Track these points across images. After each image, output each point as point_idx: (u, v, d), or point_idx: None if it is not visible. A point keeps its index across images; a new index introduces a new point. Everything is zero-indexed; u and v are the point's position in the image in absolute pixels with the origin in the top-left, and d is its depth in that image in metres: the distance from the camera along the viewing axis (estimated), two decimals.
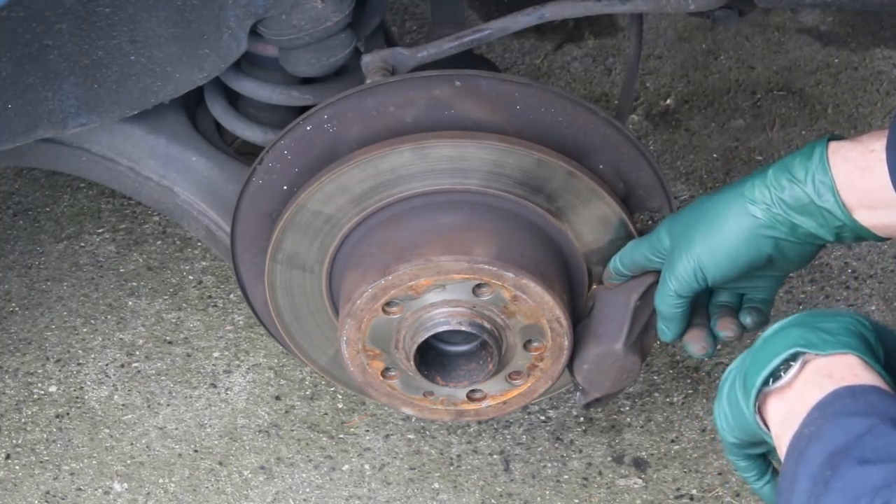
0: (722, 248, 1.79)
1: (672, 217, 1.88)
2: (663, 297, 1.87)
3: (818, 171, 1.70)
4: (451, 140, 1.91)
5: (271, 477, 2.41)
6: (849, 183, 1.69)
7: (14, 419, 2.49)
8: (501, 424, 2.47)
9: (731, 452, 1.69)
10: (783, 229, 1.76)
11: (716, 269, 1.81)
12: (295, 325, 2.14)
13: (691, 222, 1.82)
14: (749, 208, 1.76)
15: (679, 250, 1.83)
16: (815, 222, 1.73)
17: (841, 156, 1.69)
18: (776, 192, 1.74)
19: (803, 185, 1.71)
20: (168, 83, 2.01)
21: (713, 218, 1.79)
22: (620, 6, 1.99)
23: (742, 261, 1.80)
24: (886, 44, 3.16)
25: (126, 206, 2.84)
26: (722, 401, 1.65)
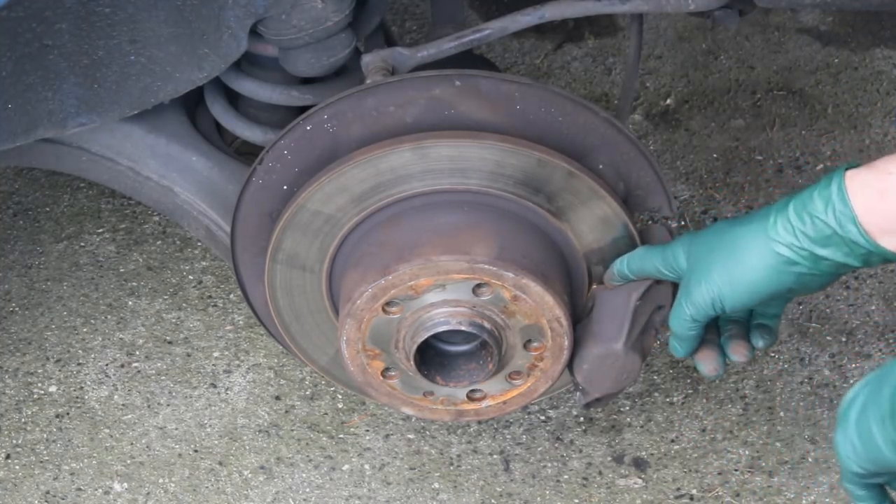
0: (743, 281, 1.78)
1: (692, 237, 1.87)
2: (678, 319, 1.87)
3: (838, 201, 1.68)
4: (451, 140, 1.91)
5: (271, 477, 2.41)
6: (869, 210, 1.67)
7: (14, 419, 2.49)
8: (501, 424, 2.47)
9: (851, 481, 1.67)
10: (807, 264, 1.74)
11: (735, 300, 1.81)
12: (295, 325, 2.13)
13: (713, 250, 1.81)
14: (773, 245, 1.75)
15: (698, 276, 1.82)
16: (840, 252, 1.71)
17: (858, 182, 1.68)
18: (799, 227, 1.72)
19: (825, 218, 1.70)
20: (168, 83, 2.01)
21: (736, 250, 1.78)
22: (620, 6, 1.99)
23: (763, 294, 1.79)
24: (886, 44, 3.17)
25: (126, 206, 2.84)
26: (849, 429, 1.62)
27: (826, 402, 2.49)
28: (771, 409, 2.49)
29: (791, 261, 1.74)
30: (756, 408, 2.49)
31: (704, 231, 1.86)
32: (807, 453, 2.42)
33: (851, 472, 1.65)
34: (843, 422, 1.63)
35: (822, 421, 2.46)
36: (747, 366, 2.55)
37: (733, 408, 2.49)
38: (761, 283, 1.77)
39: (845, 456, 1.63)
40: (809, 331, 2.61)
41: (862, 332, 2.60)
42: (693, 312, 1.84)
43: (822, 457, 2.41)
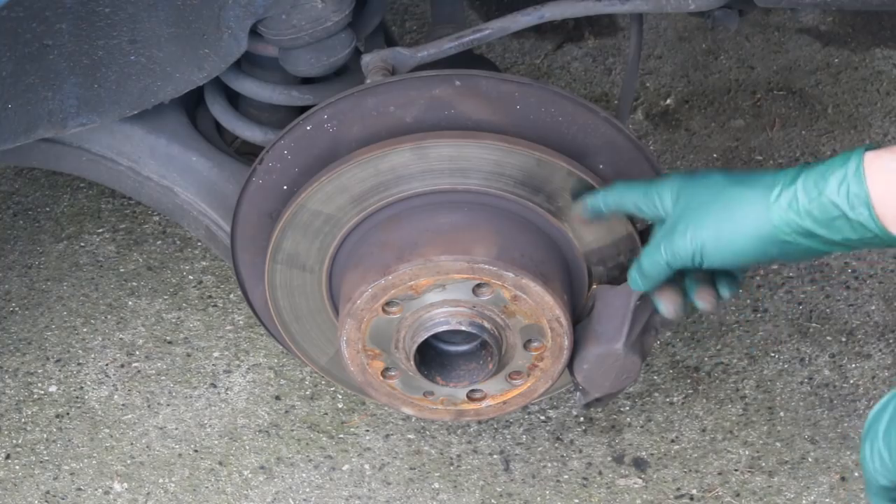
0: (731, 244, 1.73)
1: (683, 181, 1.80)
2: (652, 260, 1.82)
3: (853, 182, 1.61)
4: (451, 140, 1.91)
5: (271, 477, 2.41)
6: (886, 194, 1.61)
7: (14, 419, 2.49)
8: (501, 424, 2.47)
9: (877, 495, 1.64)
10: (800, 239, 1.68)
11: (717, 259, 1.75)
12: (295, 325, 2.13)
13: (706, 204, 1.75)
14: (771, 215, 1.68)
15: (684, 225, 1.77)
16: (840, 235, 1.65)
17: (877, 165, 1.61)
18: (804, 203, 1.65)
19: (835, 199, 1.63)
20: (168, 83, 2.01)
21: (731, 213, 1.72)
22: (620, 6, 1.99)
23: (746, 258, 1.74)
24: (886, 44, 3.17)
25: (126, 206, 2.84)
26: (876, 441, 1.59)
27: (826, 402, 2.49)
28: (771, 409, 2.49)
29: (784, 233, 1.68)
30: (756, 408, 2.49)
31: (697, 178, 1.78)
32: (807, 453, 2.42)
33: (878, 486, 1.62)
34: (870, 434, 1.60)
35: (822, 421, 2.46)
36: (748, 366, 2.55)
37: (733, 408, 2.49)
38: (749, 250, 1.72)
39: (871, 469, 1.60)
40: (809, 331, 2.61)
41: (862, 332, 2.60)
42: (670, 259, 1.79)
43: (822, 457, 2.41)
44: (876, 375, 2.52)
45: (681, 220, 1.78)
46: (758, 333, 2.60)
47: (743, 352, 2.58)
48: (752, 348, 2.58)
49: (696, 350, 2.58)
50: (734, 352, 2.58)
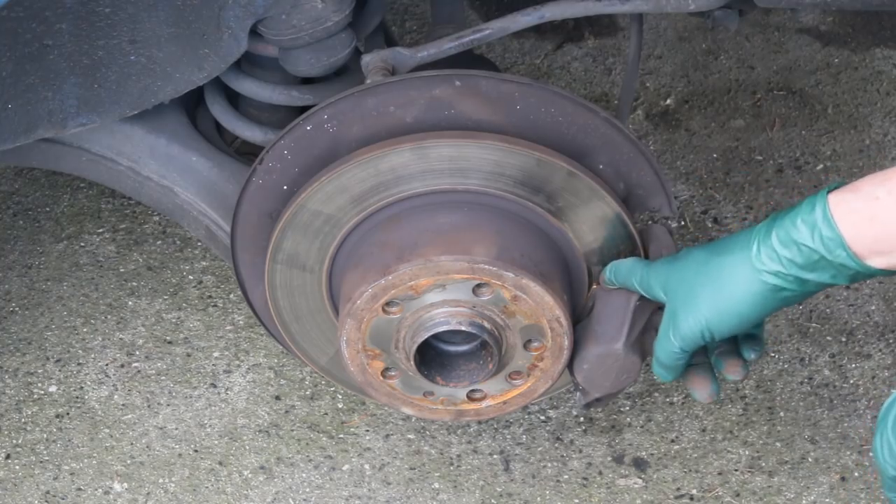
0: (732, 311, 1.77)
1: (668, 268, 1.86)
2: (665, 350, 1.86)
3: (824, 227, 1.66)
4: (451, 140, 1.91)
5: (271, 477, 2.41)
6: (857, 234, 1.65)
7: (14, 419, 2.49)
8: (501, 424, 2.47)
9: (892, 489, 1.65)
10: (794, 287, 1.72)
11: (725, 329, 1.80)
12: (295, 325, 2.13)
13: (696, 282, 1.80)
14: (760, 275, 1.73)
15: (685, 308, 1.81)
16: (828, 275, 1.69)
17: (844, 208, 1.65)
18: (785, 255, 1.70)
19: (812, 244, 1.67)
20: (168, 83, 2.01)
21: (721, 282, 1.76)
22: (620, 6, 1.99)
23: (752, 320, 1.78)
24: (886, 44, 3.17)
25: (126, 206, 2.84)
26: (885, 432, 1.60)
27: (826, 402, 2.49)
28: (771, 409, 2.49)
29: (779, 287, 1.73)
30: (756, 408, 2.49)
31: (680, 262, 1.83)
32: (807, 453, 2.42)
33: (891, 478, 1.63)
34: (881, 426, 1.61)
35: (822, 421, 2.46)
36: None
37: (733, 408, 2.49)
38: (750, 311, 1.76)
39: (882, 460, 1.61)
40: (809, 331, 2.61)
41: (862, 332, 2.60)
42: (681, 344, 1.83)
43: (822, 457, 2.41)
44: (876, 375, 2.52)
45: (679, 304, 1.82)
46: None
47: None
48: None
49: None
50: None
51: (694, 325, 1.80)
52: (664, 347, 1.86)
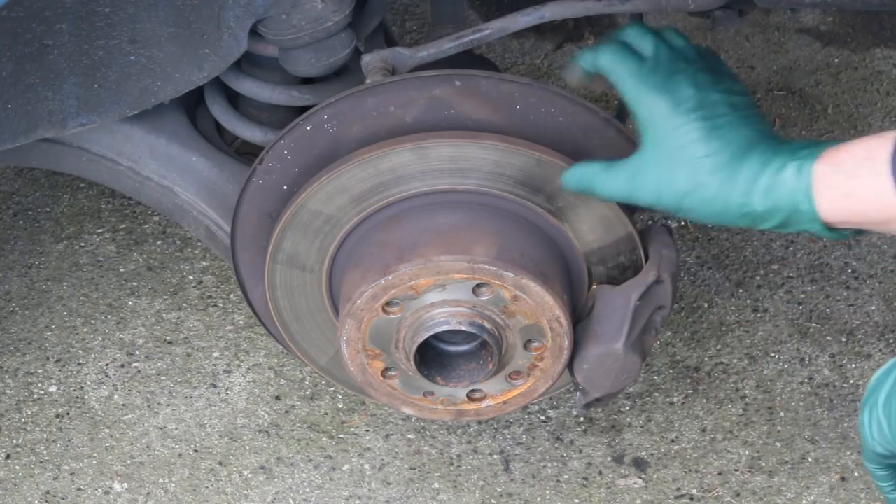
0: (694, 213, 1.74)
1: (664, 121, 1.75)
2: (611, 186, 1.80)
3: (803, 202, 1.66)
4: (451, 140, 1.91)
5: (271, 477, 2.41)
6: (832, 208, 1.66)
7: (14, 419, 2.49)
8: (501, 424, 2.47)
9: (873, 461, 1.66)
10: (751, 224, 1.73)
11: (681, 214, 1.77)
12: (295, 325, 2.13)
13: (674, 168, 1.74)
14: (729, 206, 1.71)
15: (654, 178, 1.76)
16: (789, 226, 1.71)
17: (825, 183, 1.65)
18: (759, 206, 1.69)
19: (785, 208, 1.68)
20: (168, 83, 2.01)
21: (696, 189, 1.73)
22: (620, 6, 1.99)
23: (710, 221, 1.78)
24: (886, 44, 3.17)
25: (126, 206, 2.84)
26: (876, 410, 1.60)
27: (826, 402, 2.49)
28: (771, 409, 2.49)
29: (740, 221, 1.72)
30: (756, 408, 2.49)
31: (677, 133, 1.74)
32: (807, 453, 2.42)
33: (874, 453, 1.64)
34: (870, 402, 1.61)
35: (822, 421, 2.46)
36: (748, 366, 2.55)
37: (733, 408, 2.49)
38: (710, 219, 1.75)
39: (870, 437, 1.62)
40: (809, 331, 2.61)
41: (862, 332, 2.60)
42: (629, 196, 1.79)
43: (822, 457, 2.41)
44: None
45: (655, 167, 1.76)
46: (758, 333, 2.60)
47: (743, 352, 2.58)
48: (752, 348, 2.58)
49: (696, 350, 2.58)
50: (734, 352, 2.58)
51: (652, 197, 1.76)
52: (614, 180, 1.80)
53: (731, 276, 2.70)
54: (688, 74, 1.77)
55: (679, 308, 2.64)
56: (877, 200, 1.61)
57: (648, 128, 1.76)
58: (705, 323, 2.63)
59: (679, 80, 1.76)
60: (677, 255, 2.01)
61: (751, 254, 2.74)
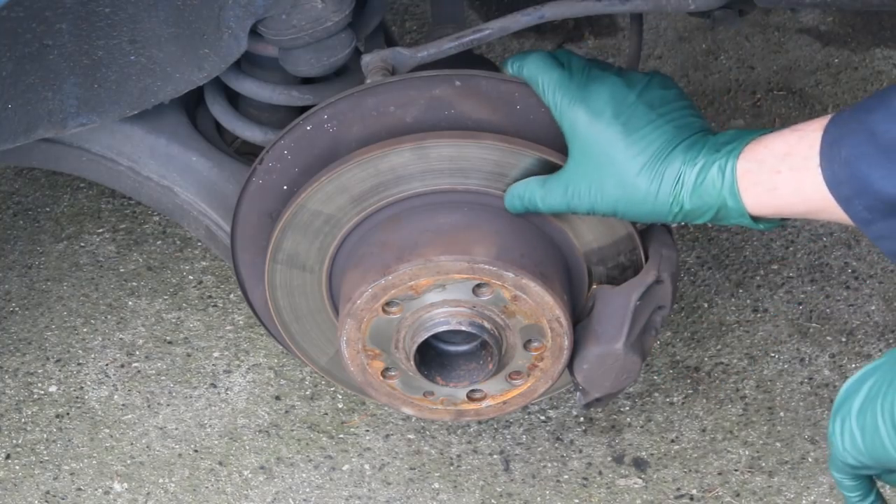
0: (625, 214, 1.79)
1: (582, 122, 1.79)
2: (550, 200, 1.85)
3: (729, 198, 1.71)
4: (451, 140, 1.91)
5: (271, 477, 2.41)
6: (758, 203, 1.71)
7: (14, 419, 2.49)
8: (501, 424, 2.47)
9: (841, 471, 1.66)
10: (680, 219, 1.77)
11: (619, 215, 1.81)
12: (295, 325, 2.13)
13: (600, 170, 1.78)
14: (657, 206, 1.76)
15: (586, 184, 1.79)
16: (722, 223, 1.76)
17: (749, 180, 1.70)
18: (687, 206, 1.74)
19: (713, 204, 1.73)
20: (168, 83, 2.01)
21: (624, 191, 1.77)
22: (620, 6, 1.99)
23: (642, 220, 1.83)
24: (886, 44, 3.17)
25: (126, 206, 2.84)
26: (849, 420, 1.61)
27: (826, 402, 2.49)
28: (771, 409, 2.49)
29: (672, 218, 1.77)
30: (756, 408, 2.49)
31: (593, 131, 1.78)
32: (807, 453, 2.42)
33: (843, 463, 1.64)
34: (842, 411, 1.61)
35: (822, 421, 2.46)
36: (748, 366, 2.55)
37: (733, 408, 2.49)
38: (642, 218, 1.80)
39: (841, 447, 1.62)
40: (809, 331, 2.61)
41: (862, 332, 2.60)
42: (570, 206, 1.82)
43: (822, 457, 2.41)
44: None
45: (584, 179, 1.80)
46: (758, 333, 2.61)
47: (743, 352, 2.58)
48: (752, 348, 2.58)
49: (696, 350, 2.58)
50: (734, 352, 2.58)
51: (588, 203, 1.80)
52: (552, 194, 1.83)
53: (731, 276, 2.70)
54: (602, 80, 1.81)
55: (679, 308, 2.64)
56: (798, 194, 1.66)
57: (573, 138, 1.81)
58: (705, 323, 2.63)
59: (594, 87, 1.80)
60: (677, 255, 2.01)
61: (751, 254, 2.74)
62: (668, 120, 1.77)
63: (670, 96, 1.80)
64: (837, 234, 2.76)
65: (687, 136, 1.75)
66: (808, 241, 2.75)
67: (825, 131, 1.62)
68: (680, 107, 1.79)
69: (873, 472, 1.64)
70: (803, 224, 2.78)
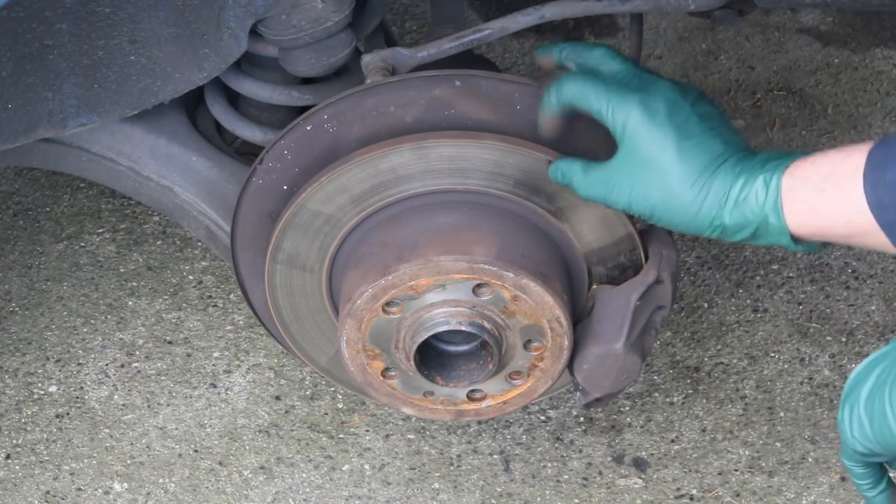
0: (665, 222, 1.76)
1: (638, 120, 1.76)
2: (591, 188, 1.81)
3: (772, 215, 1.68)
4: (451, 140, 1.91)
5: (271, 477, 2.41)
6: (800, 223, 1.68)
7: (14, 419, 2.49)
8: (501, 424, 2.47)
9: (851, 459, 1.66)
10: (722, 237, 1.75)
11: (655, 221, 1.79)
12: (295, 325, 2.14)
13: (645, 171, 1.75)
14: (699, 220, 1.73)
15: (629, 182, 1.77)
16: (757, 242, 1.73)
17: (793, 197, 1.67)
18: (728, 221, 1.71)
19: (755, 222, 1.70)
20: (168, 83, 2.01)
21: (666, 198, 1.74)
22: (620, 6, 1.99)
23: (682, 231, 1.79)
24: (886, 44, 3.17)
25: (126, 206, 2.84)
26: (857, 408, 1.60)
27: (826, 402, 2.49)
28: (771, 409, 2.49)
29: (711, 233, 1.74)
30: (756, 408, 2.49)
31: (649, 134, 1.75)
32: (807, 453, 2.42)
33: (853, 451, 1.64)
34: (850, 399, 1.61)
35: (822, 421, 2.46)
36: (748, 366, 2.55)
37: (733, 408, 2.49)
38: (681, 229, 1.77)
39: (850, 435, 1.62)
40: (809, 331, 2.61)
41: (862, 332, 2.60)
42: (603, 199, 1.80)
43: (822, 457, 2.41)
44: None
45: (628, 177, 1.77)
46: (758, 333, 2.61)
47: (743, 352, 2.58)
48: (752, 348, 2.58)
49: (696, 350, 2.58)
50: (734, 352, 2.58)
51: (625, 203, 1.77)
52: (594, 183, 1.81)
53: (731, 276, 2.70)
54: (658, 82, 1.79)
55: (679, 308, 2.64)
56: (841, 215, 1.63)
57: (623, 135, 1.77)
58: (705, 323, 2.63)
59: (651, 91, 1.77)
60: (677, 255, 2.01)
61: (751, 254, 2.74)
62: (717, 134, 1.74)
63: (717, 113, 1.78)
64: None
65: (734, 153, 1.73)
66: None
67: (870, 153, 1.60)
68: (726, 123, 1.77)
69: (883, 459, 1.64)
70: None
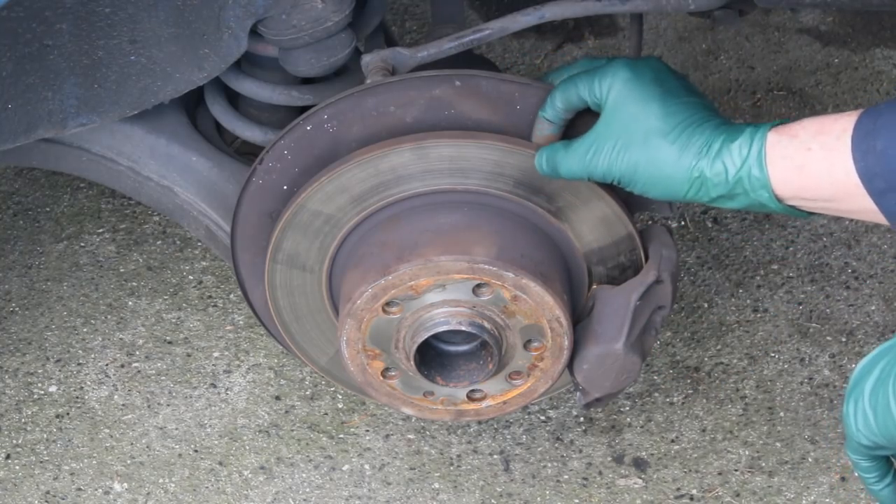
0: (649, 186, 1.77)
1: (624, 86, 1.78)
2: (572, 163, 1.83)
3: (754, 167, 1.68)
4: (451, 140, 1.91)
5: (271, 477, 2.41)
6: (784, 179, 1.68)
7: (14, 419, 2.49)
8: (501, 424, 2.47)
9: (857, 452, 1.66)
10: (706, 200, 1.75)
11: (637, 190, 1.79)
12: (295, 325, 2.14)
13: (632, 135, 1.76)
14: (683, 184, 1.74)
15: (611, 145, 1.78)
16: (741, 204, 1.72)
17: (778, 152, 1.67)
18: (712, 179, 1.71)
19: (738, 178, 1.70)
20: (168, 83, 2.01)
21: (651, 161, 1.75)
22: (620, 6, 1.99)
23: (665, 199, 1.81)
24: (886, 44, 3.17)
25: (126, 206, 2.84)
26: (861, 401, 1.61)
27: (826, 402, 2.49)
28: (771, 409, 2.49)
29: (696, 197, 1.75)
30: (756, 408, 2.49)
31: (634, 98, 1.77)
32: (807, 453, 2.42)
33: (858, 444, 1.64)
34: (855, 392, 1.62)
35: (822, 421, 2.46)
36: (748, 366, 2.55)
37: (733, 408, 2.49)
38: (666, 196, 1.78)
39: (855, 428, 1.62)
40: (809, 331, 2.61)
41: (862, 332, 2.60)
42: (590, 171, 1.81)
43: (822, 457, 2.41)
44: None
45: (610, 138, 1.79)
46: (758, 333, 2.61)
47: (743, 352, 2.58)
48: (752, 348, 2.58)
49: (696, 350, 2.58)
50: (734, 352, 2.58)
51: (610, 169, 1.79)
52: (575, 156, 1.82)
53: (731, 276, 2.70)
54: (645, 60, 1.81)
55: (679, 308, 2.64)
56: (826, 176, 1.64)
57: (608, 98, 1.79)
58: (705, 323, 2.63)
59: (639, 62, 1.80)
60: (677, 255, 2.01)
61: (751, 254, 2.74)
62: (702, 103, 1.77)
63: (704, 97, 1.81)
64: (837, 235, 2.76)
65: (718, 117, 1.75)
66: (808, 241, 2.76)
67: (859, 119, 1.60)
68: (710, 103, 1.81)
69: (888, 452, 1.64)
70: (803, 224, 2.78)
